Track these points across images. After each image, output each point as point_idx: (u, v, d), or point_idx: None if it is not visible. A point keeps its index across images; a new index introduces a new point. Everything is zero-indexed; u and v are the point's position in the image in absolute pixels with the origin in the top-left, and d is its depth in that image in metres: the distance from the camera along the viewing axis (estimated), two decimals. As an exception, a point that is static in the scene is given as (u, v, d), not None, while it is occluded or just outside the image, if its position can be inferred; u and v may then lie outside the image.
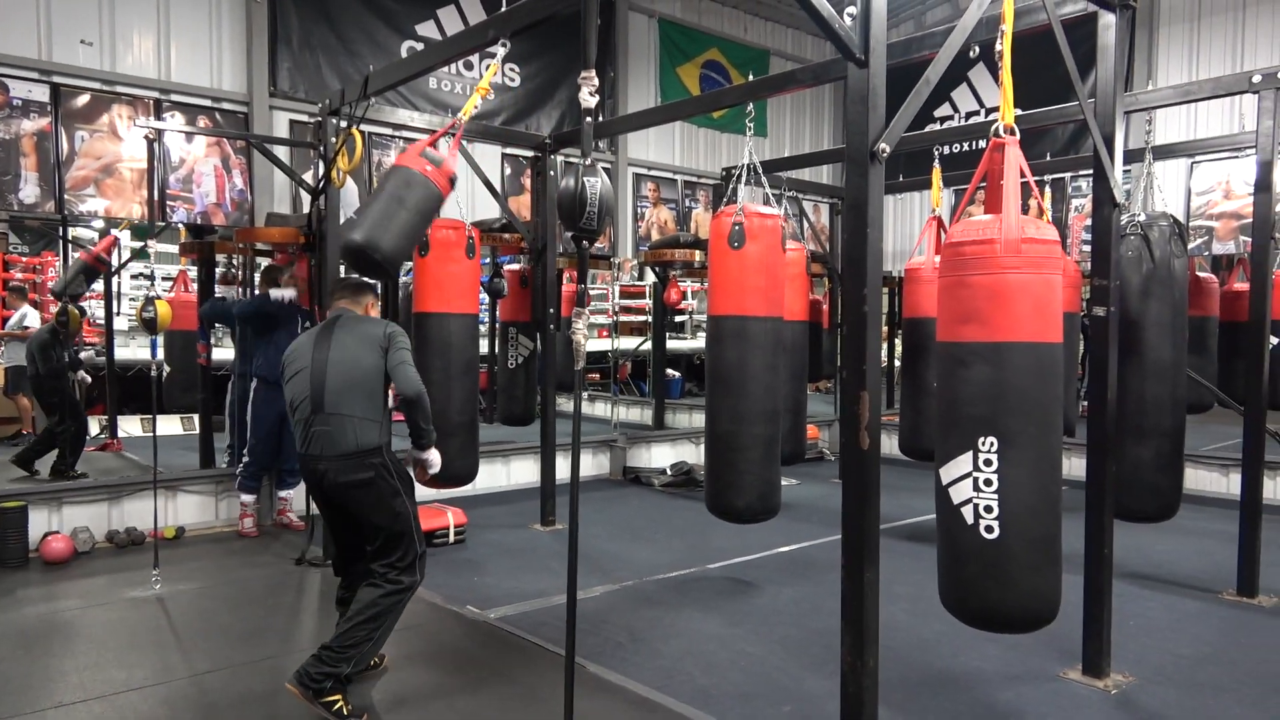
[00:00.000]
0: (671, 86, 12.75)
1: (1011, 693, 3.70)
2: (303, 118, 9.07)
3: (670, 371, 12.37)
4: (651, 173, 12.60)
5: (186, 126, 8.52)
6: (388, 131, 8.56)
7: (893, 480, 6.74)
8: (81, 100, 8.02)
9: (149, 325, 5.11)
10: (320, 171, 5.87)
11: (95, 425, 9.08)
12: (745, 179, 5.11)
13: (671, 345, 12.42)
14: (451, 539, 5.97)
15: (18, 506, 5.42)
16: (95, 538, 5.73)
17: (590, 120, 2.75)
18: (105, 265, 7.41)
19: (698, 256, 8.63)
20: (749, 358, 4.50)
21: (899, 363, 7.62)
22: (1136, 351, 4.48)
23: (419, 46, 10.08)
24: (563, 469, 6.87)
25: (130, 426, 9.48)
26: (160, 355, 5.80)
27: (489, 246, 7.71)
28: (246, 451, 6.18)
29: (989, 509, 2.84)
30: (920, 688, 3.76)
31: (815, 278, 8.62)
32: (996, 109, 3.10)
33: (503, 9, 4.32)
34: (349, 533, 3.63)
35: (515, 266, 7.90)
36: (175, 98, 8.58)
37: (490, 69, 4.29)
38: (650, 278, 11.10)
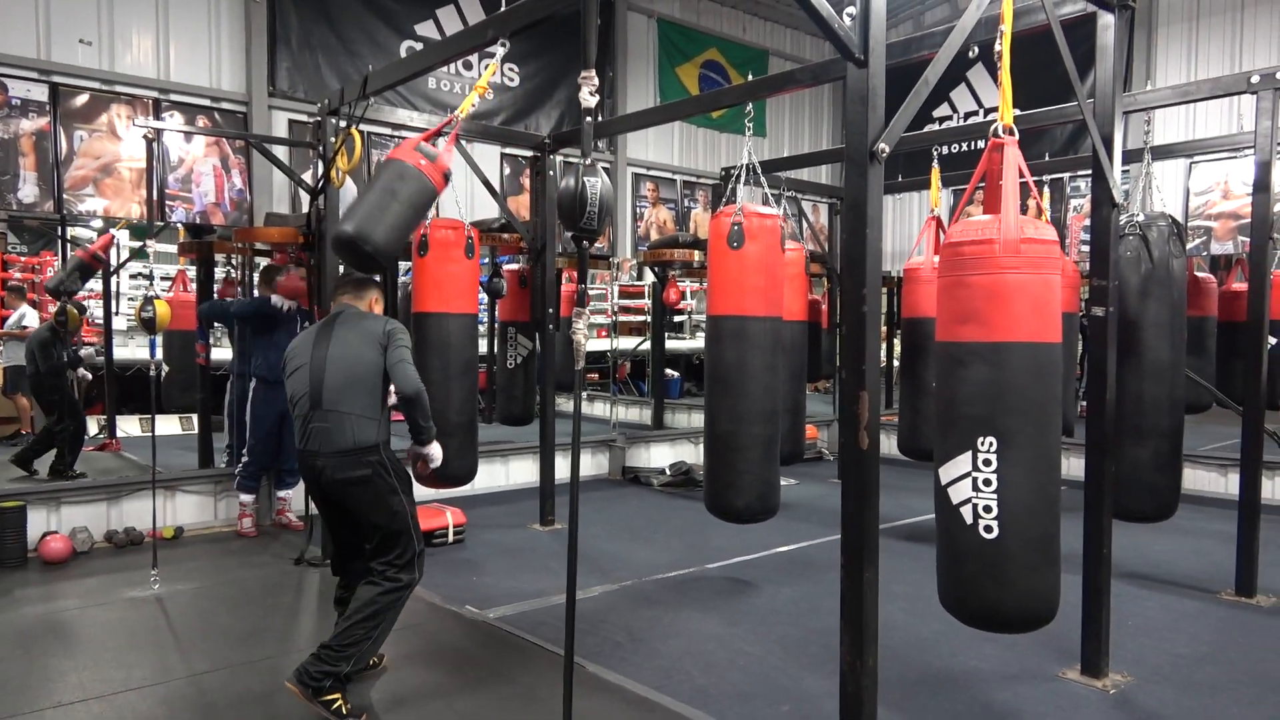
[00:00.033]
0: (670, 86, 12.75)
1: (1010, 692, 3.71)
2: (302, 117, 9.07)
3: (669, 371, 12.37)
4: (650, 173, 12.60)
5: (185, 126, 8.51)
6: (387, 131, 8.55)
7: (891, 480, 6.75)
8: (80, 100, 8.01)
9: (148, 325, 5.10)
10: (319, 171, 5.87)
11: (94, 425, 9.08)
12: (744, 179, 5.11)
13: (670, 345, 12.43)
14: (450, 539, 5.97)
15: (16, 506, 5.42)
16: (94, 538, 5.73)
17: (590, 120, 2.76)
18: (101, 263, 7.40)
19: (697, 256, 8.64)
20: (748, 358, 4.50)
21: (898, 363, 7.64)
22: (1135, 352, 4.49)
23: (418, 46, 10.07)
24: (562, 469, 6.87)
25: (129, 426, 9.49)
26: (159, 355, 5.80)
27: (488, 246, 7.71)
28: (245, 451, 6.18)
29: (988, 509, 2.85)
30: (919, 687, 3.76)
31: (814, 278, 8.62)
32: (995, 109, 3.10)
33: (502, 9, 4.31)
34: (347, 531, 3.63)
35: (514, 266, 7.90)
36: (174, 97, 8.57)
37: (489, 68, 4.29)
38: (649, 277, 11.11)
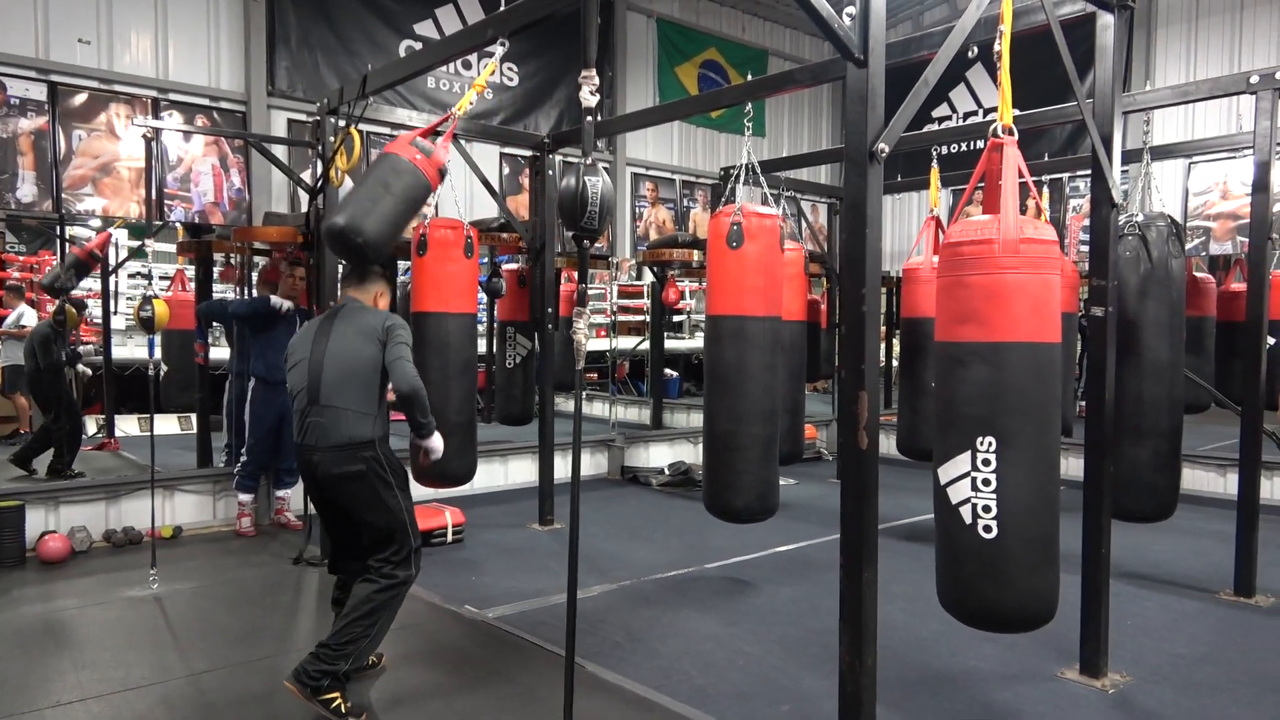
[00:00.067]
0: (670, 86, 12.75)
1: (1009, 692, 3.71)
2: (301, 117, 9.07)
3: (668, 371, 12.38)
4: (650, 172, 12.60)
5: (184, 125, 8.51)
6: (386, 131, 8.53)
7: (891, 480, 6.76)
8: (79, 99, 8.01)
9: (146, 324, 5.10)
10: (318, 171, 5.87)
11: (92, 424, 9.08)
12: (744, 179, 5.11)
13: (669, 345, 12.44)
14: (450, 538, 5.97)
15: (15, 506, 5.41)
16: (92, 537, 5.72)
17: (591, 119, 2.76)
18: (98, 261, 7.39)
19: (696, 256, 8.64)
20: (747, 357, 4.50)
21: (897, 363, 7.65)
22: (1134, 352, 4.49)
23: (417, 46, 10.08)
24: (561, 469, 6.88)
25: (128, 426, 9.49)
26: (158, 354, 5.79)
27: (487, 246, 7.71)
28: (244, 451, 6.18)
29: (987, 509, 2.84)
30: (918, 687, 3.76)
31: (813, 277, 8.62)
32: (994, 109, 3.10)
33: (501, 8, 4.31)
34: (343, 528, 3.60)
35: (513, 266, 7.90)
36: (173, 96, 8.58)
37: (488, 67, 4.29)
38: (648, 277, 11.12)
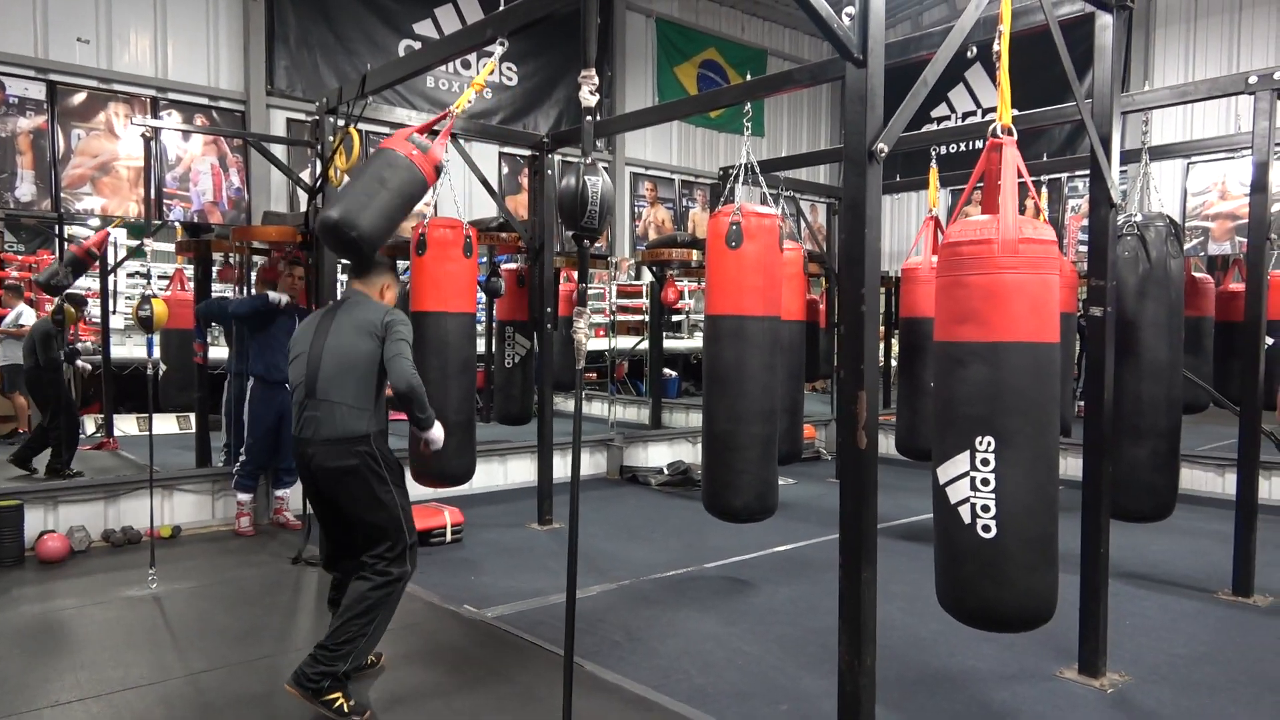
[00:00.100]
0: (669, 86, 12.75)
1: (1008, 692, 3.71)
2: (300, 116, 9.07)
3: (667, 371, 12.39)
4: (649, 172, 12.61)
5: (183, 125, 8.51)
6: (385, 130, 8.51)
7: (890, 480, 6.75)
8: (78, 98, 8.00)
9: (145, 324, 5.10)
10: (317, 170, 5.87)
11: (91, 424, 9.08)
12: (743, 178, 5.11)
13: (668, 345, 12.44)
14: (448, 538, 5.97)
15: (13, 505, 5.41)
16: (91, 537, 5.72)
17: (591, 119, 2.76)
18: (95, 259, 7.38)
19: (695, 256, 8.65)
20: (746, 357, 4.50)
21: (896, 362, 7.65)
22: (1133, 352, 4.49)
23: (416, 45, 10.09)
24: (560, 468, 6.88)
25: (126, 425, 9.48)
26: (157, 354, 5.79)
27: (486, 245, 7.71)
28: (243, 450, 6.17)
29: (986, 508, 2.85)
30: (917, 686, 3.77)
31: (812, 277, 8.62)
32: (993, 109, 3.10)
33: (500, 8, 4.31)
34: (339, 526, 3.59)
35: (512, 265, 7.90)
36: (172, 96, 8.58)
37: (487, 67, 4.29)
38: (647, 277, 11.12)
